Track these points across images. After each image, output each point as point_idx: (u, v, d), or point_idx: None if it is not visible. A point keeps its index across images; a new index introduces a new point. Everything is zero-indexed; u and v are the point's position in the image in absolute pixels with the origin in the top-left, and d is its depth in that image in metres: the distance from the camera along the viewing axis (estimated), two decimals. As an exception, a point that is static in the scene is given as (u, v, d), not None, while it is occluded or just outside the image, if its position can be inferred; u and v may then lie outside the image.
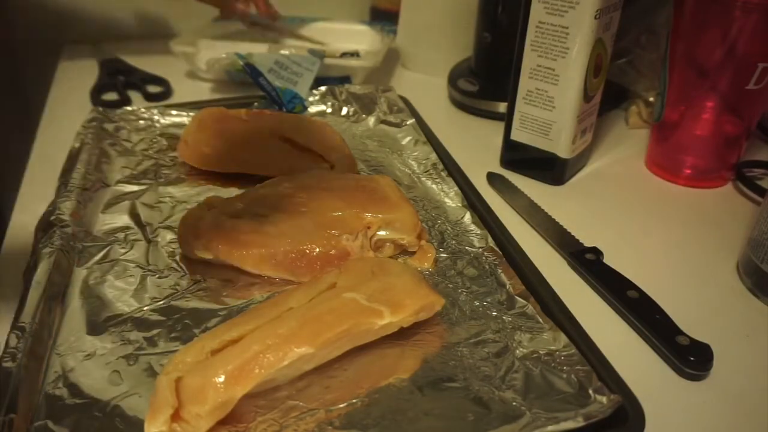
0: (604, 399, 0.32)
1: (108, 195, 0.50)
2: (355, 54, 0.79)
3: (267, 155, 0.53)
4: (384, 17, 0.88)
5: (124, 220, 0.47)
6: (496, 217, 0.49)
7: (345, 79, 0.73)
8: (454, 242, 0.46)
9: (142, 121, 0.61)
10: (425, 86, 0.77)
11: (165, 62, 0.76)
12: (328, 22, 0.84)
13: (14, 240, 0.46)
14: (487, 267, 0.43)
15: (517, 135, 0.57)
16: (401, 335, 0.37)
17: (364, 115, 0.66)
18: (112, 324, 0.38)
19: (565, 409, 0.32)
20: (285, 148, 0.53)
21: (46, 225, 0.44)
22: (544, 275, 0.42)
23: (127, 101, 0.69)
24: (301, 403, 0.33)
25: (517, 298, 0.40)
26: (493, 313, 0.39)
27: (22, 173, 0.55)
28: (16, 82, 0.89)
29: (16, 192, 0.52)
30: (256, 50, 0.70)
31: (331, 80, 0.71)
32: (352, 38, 0.83)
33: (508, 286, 0.41)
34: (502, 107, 0.66)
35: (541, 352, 0.36)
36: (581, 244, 0.47)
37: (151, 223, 0.47)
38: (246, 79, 0.67)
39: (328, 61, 0.72)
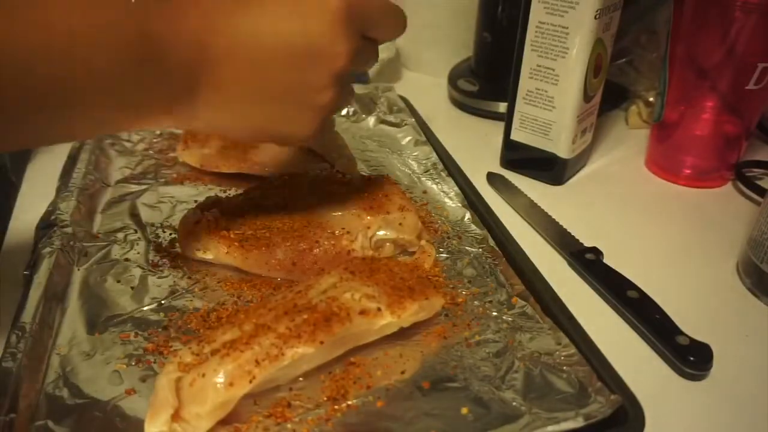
0: (604, 399, 0.32)
1: (108, 195, 0.50)
2: None
3: (266, 155, 0.53)
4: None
5: (124, 220, 0.47)
6: (496, 217, 0.49)
7: (362, 72, 0.74)
8: (454, 242, 0.46)
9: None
10: (425, 86, 0.77)
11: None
12: None
13: (14, 240, 0.46)
14: (487, 267, 0.43)
15: (517, 135, 0.57)
16: (401, 335, 0.37)
17: (364, 115, 0.66)
18: (112, 324, 0.38)
19: (565, 409, 0.32)
20: (284, 148, 0.53)
21: (46, 225, 0.44)
22: (544, 275, 0.42)
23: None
24: (301, 403, 0.33)
25: (517, 298, 0.40)
26: (493, 313, 0.39)
27: (22, 173, 0.55)
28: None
29: (17, 192, 0.52)
30: None
31: None
32: None
33: (508, 286, 0.41)
34: (502, 107, 0.66)
35: (541, 352, 0.36)
36: (581, 244, 0.47)
37: (151, 223, 0.47)
38: None
39: None
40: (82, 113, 0.29)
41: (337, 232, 0.43)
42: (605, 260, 0.45)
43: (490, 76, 0.71)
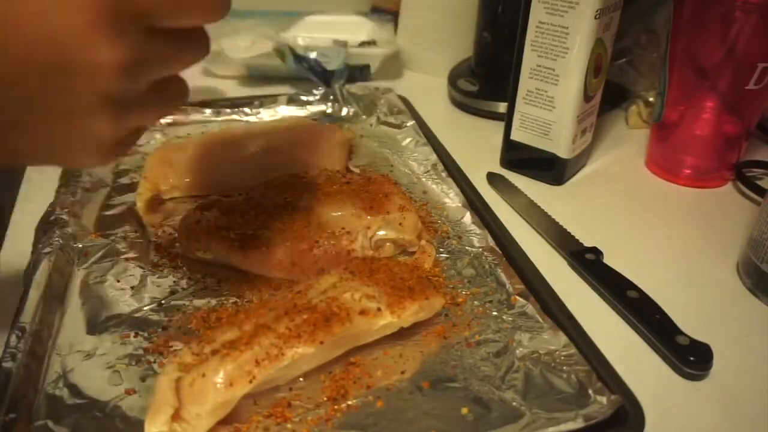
0: (604, 399, 0.32)
1: (108, 195, 0.50)
2: (372, 43, 0.80)
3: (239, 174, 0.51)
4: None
5: (124, 220, 0.47)
6: (496, 217, 0.49)
7: (365, 68, 0.75)
8: (454, 242, 0.46)
9: None
10: (425, 86, 0.77)
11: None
12: (328, 15, 0.85)
13: (14, 240, 0.46)
14: (487, 267, 0.43)
15: (517, 135, 0.57)
16: (401, 335, 0.37)
17: (364, 116, 0.66)
18: (112, 324, 0.38)
19: (565, 410, 0.32)
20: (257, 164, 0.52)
21: (46, 225, 0.44)
22: (544, 275, 0.42)
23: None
24: (301, 403, 0.33)
25: (517, 297, 0.40)
26: (493, 313, 0.39)
27: (22, 173, 0.55)
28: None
29: (17, 192, 0.52)
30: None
31: (353, 69, 0.74)
32: (359, 29, 0.83)
33: (508, 286, 0.41)
34: (502, 107, 0.66)
35: (541, 352, 0.36)
36: (581, 244, 0.47)
37: (151, 223, 0.47)
38: (266, 74, 0.72)
39: (350, 50, 0.74)
40: None
41: (337, 232, 0.43)
42: (605, 260, 0.45)
43: (490, 76, 0.71)
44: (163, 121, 0.61)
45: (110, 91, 0.25)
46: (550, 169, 0.56)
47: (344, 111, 0.66)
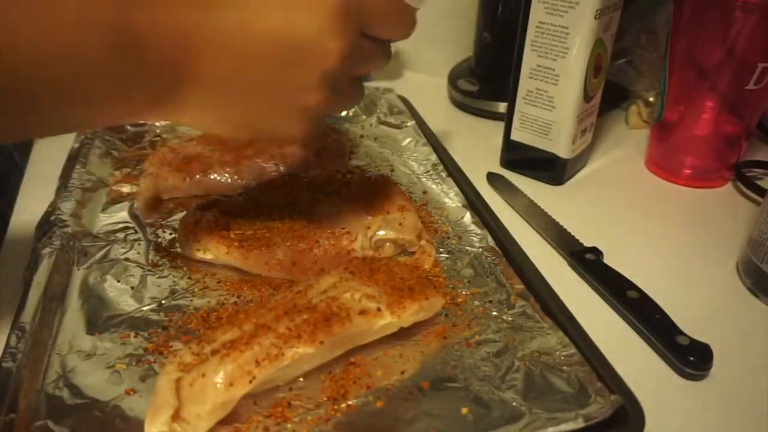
0: (604, 399, 0.32)
1: (108, 195, 0.50)
2: None
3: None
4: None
5: (124, 220, 0.47)
6: (496, 217, 0.49)
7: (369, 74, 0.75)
8: (454, 242, 0.46)
9: (142, 121, 0.61)
10: (425, 86, 0.77)
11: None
12: None
13: (14, 240, 0.46)
14: (487, 267, 0.43)
15: (517, 135, 0.57)
16: (401, 335, 0.37)
17: (364, 116, 0.66)
18: (112, 324, 0.38)
19: (565, 410, 0.32)
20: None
21: (46, 225, 0.44)
22: (544, 275, 0.42)
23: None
24: (300, 403, 0.33)
25: (517, 297, 0.40)
26: (493, 313, 0.39)
27: (22, 173, 0.55)
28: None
29: (17, 192, 0.52)
30: None
31: None
32: None
33: (508, 286, 0.41)
34: (502, 107, 0.66)
35: (541, 352, 0.36)
36: (581, 244, 0.47)
37: (151, 223, 0.47)
38: None
39: None
40: (64, 109, 0.29)
41: (337, 232, 0.43)
42: (605, 260, 0.45)
43: (490, 76, 0.71)
44: (161, 123, 0.61)
45: (332, 71, 0.31)
46: (550, 169, 0.56)
47: (344, 111, 0.66)
